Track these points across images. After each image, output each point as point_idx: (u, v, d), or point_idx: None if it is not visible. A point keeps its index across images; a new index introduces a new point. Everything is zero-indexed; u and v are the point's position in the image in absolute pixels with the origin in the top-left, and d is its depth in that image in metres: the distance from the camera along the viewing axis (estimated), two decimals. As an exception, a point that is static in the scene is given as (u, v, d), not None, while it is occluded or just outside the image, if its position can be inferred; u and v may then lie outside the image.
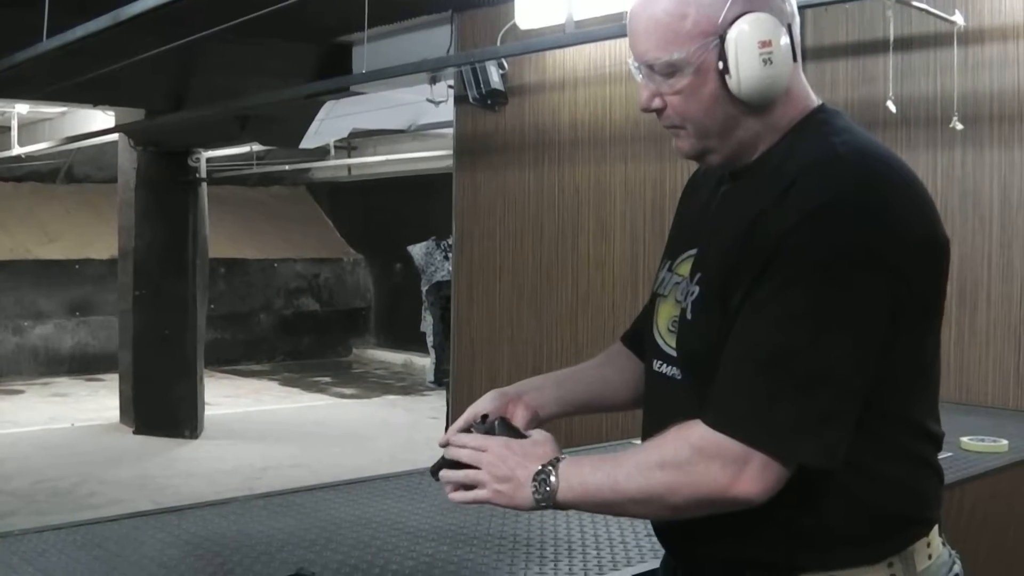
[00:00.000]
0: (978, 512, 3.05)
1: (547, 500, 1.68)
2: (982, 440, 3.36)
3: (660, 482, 1.61)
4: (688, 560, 1.83)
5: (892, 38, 4.47)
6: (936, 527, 1.77)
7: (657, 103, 1.71)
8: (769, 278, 1.57)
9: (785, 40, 1.64)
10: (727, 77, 1.63)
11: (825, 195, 1.57)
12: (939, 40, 4.42)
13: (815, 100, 1.74)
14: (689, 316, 1.73)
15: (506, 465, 1.72)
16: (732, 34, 1.62)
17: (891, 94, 4.41)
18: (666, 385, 1.80)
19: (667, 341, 1.79)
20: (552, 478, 1.67)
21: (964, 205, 4.41)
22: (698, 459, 1.58)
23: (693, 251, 1.79)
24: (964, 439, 3.36)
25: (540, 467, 1.69)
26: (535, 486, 1.68)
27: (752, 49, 1.61)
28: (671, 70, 1.66)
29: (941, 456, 3.11)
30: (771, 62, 1.62)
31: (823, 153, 1.64)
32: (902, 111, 4.47)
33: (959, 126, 4.27)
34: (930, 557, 1.73)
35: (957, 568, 1.79)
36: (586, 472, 1.68)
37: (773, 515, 1.63)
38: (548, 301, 6.23)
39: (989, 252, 4.36)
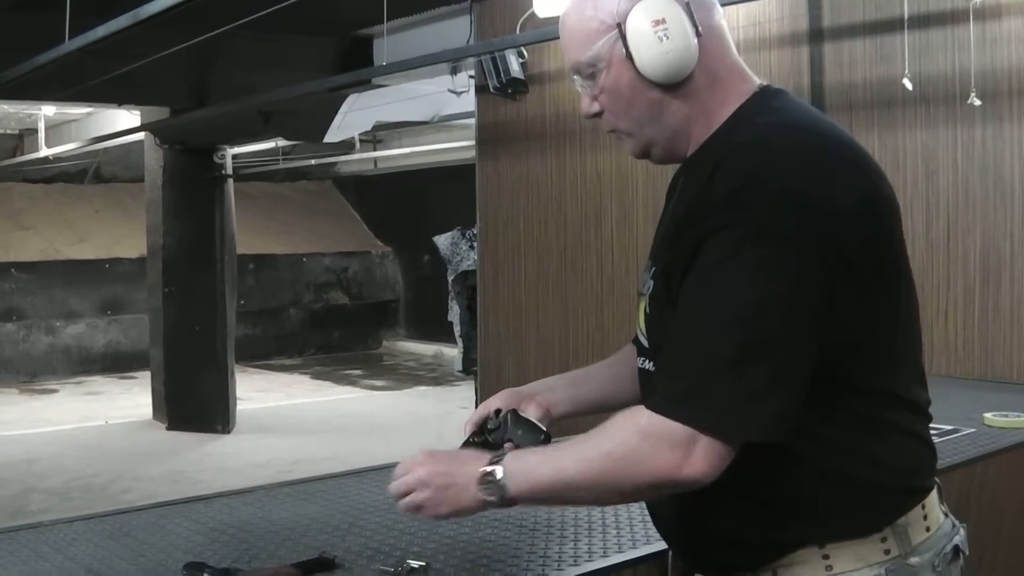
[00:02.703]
0: (1002, 487, 3.05)
1: (497, 495, 1.71)
2: (1005, 416, 3.36)
3: (610, 472, 1.64)
4: (683, 544, 1.87)
5: (907, 16, 4.46)
6: (935, 497, 1.78)
7: (595, 107, 1.81)
8: (699, 261, 1.62)
9: (680, 16, 1.71)
10: (635, 63, 1.71)
11: (745, 175, 1.62)
12: (955, 17, 4.40)
13: (755, 83, 1.80)
14: (648, 311, 1.80)
15: (446, 469, 1.77)
16: (628, 22, 1.71)
17: (908, 72, 4.40)
18: (647, 379, 1.85)
19: (645, 336, 1.84)
20: (500, 475, 1.71)
21: (985, 182, 4.39)
22: (645, 445, 1.61)
23: None
24: (988, 415, 3.36)
25: (485, 467, 1.72)
26: (483, 486, 1.72)
27: (647, 29, 1.70)
28: (592, 70, 1.77)
29: (965, 432, 3.17)
30: (668, 37, 1.69)
31: (745, 135, 1.70)
32: (920, 89, 4.46)
33: (977, 102, 4.25)
34: (928, 529, 1.74)
35: (959, 539, 1.79)
36: (532, 466, 1.72)
37: (758, 494, 1.66)
38: (573, 287, 6.25)
39: (1011, 228, 4.34)
